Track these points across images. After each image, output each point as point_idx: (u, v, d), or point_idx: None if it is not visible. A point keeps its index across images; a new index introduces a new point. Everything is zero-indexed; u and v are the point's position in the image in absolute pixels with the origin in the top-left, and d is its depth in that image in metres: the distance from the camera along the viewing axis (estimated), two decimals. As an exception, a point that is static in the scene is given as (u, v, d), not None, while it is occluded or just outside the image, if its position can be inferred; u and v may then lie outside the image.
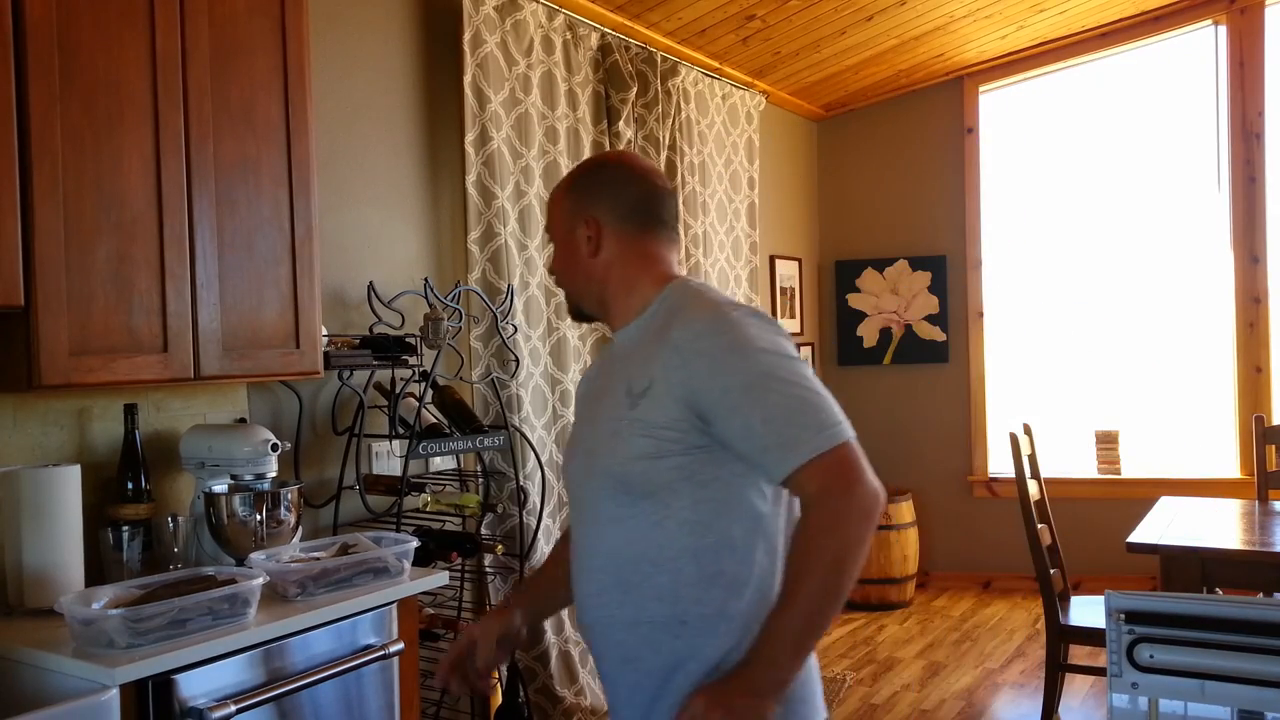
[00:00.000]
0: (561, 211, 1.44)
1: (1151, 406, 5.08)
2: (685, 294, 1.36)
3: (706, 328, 1.27)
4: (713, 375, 1.24)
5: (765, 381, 1.22)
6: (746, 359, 1.24)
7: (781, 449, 1.21)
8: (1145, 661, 1.65)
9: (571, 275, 1.44)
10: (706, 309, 1.29)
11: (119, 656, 1.57)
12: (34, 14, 1.69)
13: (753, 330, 1.26)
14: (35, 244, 1.69)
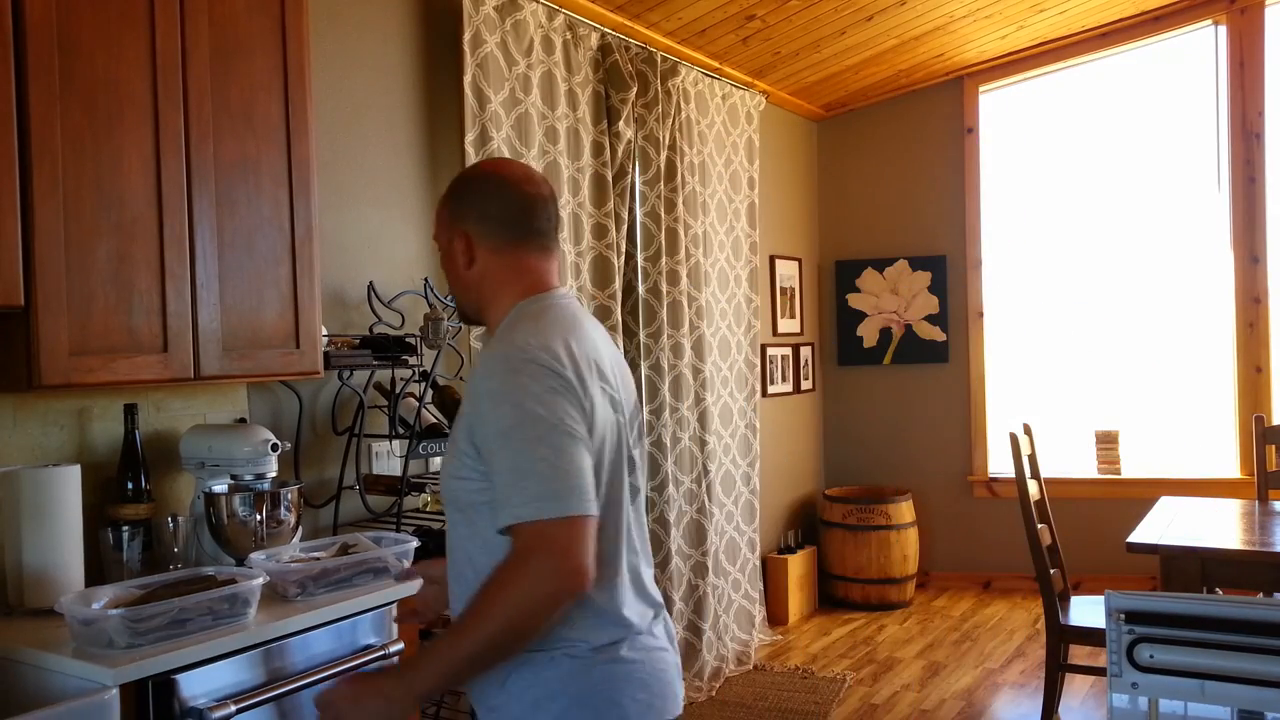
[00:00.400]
0: (441, 223, 1.48)
1: (1151, 406, 5.08)
2: (515, 323, 1.38)
3: (490, 368, 1.31)
4: (484, 416, 1.29)
5: (510, 436, 1.26)
6: (505, 408, 1.26)
7: (501, 503, 1.26)
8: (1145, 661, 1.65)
9: (452, 284, 1.49)
10: (504, 348, 1.32)
11: (119, 656, 1.57)
12: (34, 14, 1.69)
13: (524, 380, 1.27)
14: (35, 244, 1.69)
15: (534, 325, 1.35)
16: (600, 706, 1.30)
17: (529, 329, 1.34)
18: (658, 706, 1.34)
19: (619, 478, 1.38)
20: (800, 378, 5.32)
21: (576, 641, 1.31)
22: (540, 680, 1.30)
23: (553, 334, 1.33)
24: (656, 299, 3.91)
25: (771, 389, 5.01)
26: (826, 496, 5.14)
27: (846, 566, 4.97)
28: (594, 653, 1.32)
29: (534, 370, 1.28)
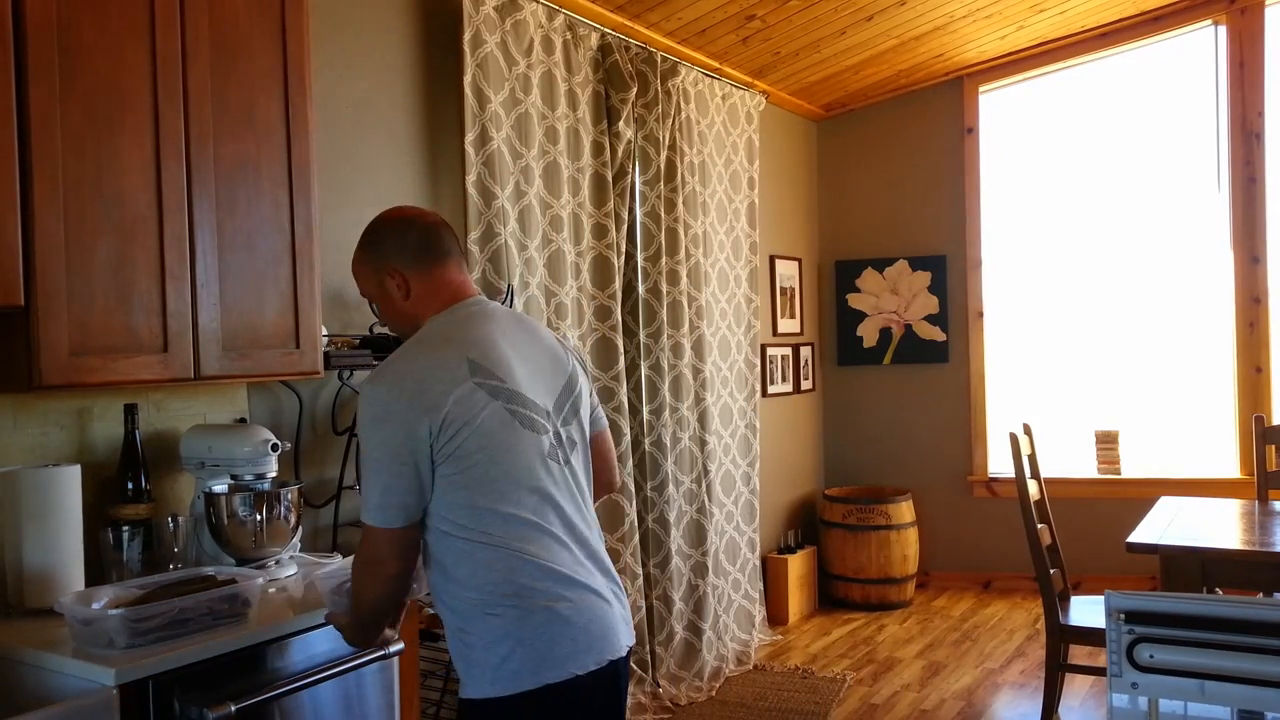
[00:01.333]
0: (366, 276, 1.70)
1: (1151, 406, 5.08)
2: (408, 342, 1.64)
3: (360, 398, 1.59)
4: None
5: (361, 449, 1.57)
6: (359, 425, 1.58)
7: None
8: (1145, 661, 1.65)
9: (397, 321, 1.69)
10: (373, 372, 1.59)
11: (119, 656, 1.57)
12: (34, 15, 1.69)
13: (365, 405, 1.54)
14: (35, 244, 1.69)
15: (404, 351, 1.60)
16: (541, 646, 1.54)
17: (398, 356, 1.59)
18: (596, 647, 1.57)
19: (515, 452, 1.56)
20: (800, 378, 5.32)
21: (520, 593, 1.55)
22: (490, 628, 1.55)
23: (424, 356, 1.57)
24: (656, 299, 3.91)
25: (771, 389, 5.01)
26: (826, 496, 5.14)
27: (846, 566, 4.97)
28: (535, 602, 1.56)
29: (378, 394, 1.54)
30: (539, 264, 3.30)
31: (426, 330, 1.62)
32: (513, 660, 1.53)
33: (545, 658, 1.53)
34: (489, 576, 1.54)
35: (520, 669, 1.52)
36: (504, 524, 1.54)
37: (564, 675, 1.54)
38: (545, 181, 3.34)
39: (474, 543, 1.54)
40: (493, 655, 1.54)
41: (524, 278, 3.24)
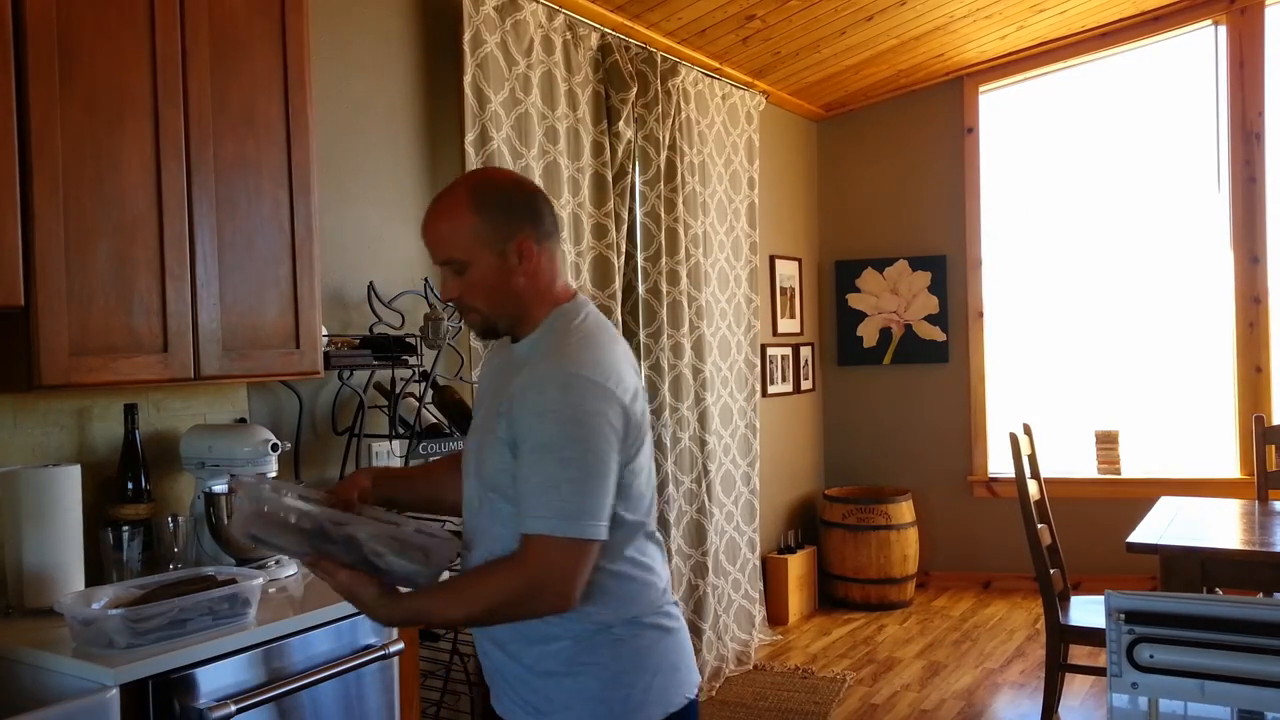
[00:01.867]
0: (472, 236, 1.43)
1: (1151, 406, 5.08)
2: (560, 333, 1.45)
3: (539, 381, 1.38)
4: (528, 425, 1.37)
5: (545, 453, 1.35)
6: (548, 423, 1.35)
7: (525, 512, 1.36)
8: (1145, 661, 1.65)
9: (497, 298, 1.45)
10: (554, 363, 1.39)
11: (119, 656, 1.57)
12: (34, 15, 1.69)
13: (582, 392, 1.36)
14: (35, 244, 1.69)
15: (586, 341, 1.43)
16: (669, 671, 1.45)
17: (583, 345, 1.42)
18: (694, 667, 1.53)
19: (650, 466, 1.49)
20: (800, 378, 5.32)
21: (659, 614, 1.46)
22: (621, 656, 1.41)
23: (608, 352, 1.43)
24: (656, 299, 3.91)
25: (771, 389, 5.01)
26: (826, 496, 5.14)
27: (846, 566, 4.97)
28: (669, 624, 1.48)
29: (591, 390, 1.36)
30: (539, 264, 3.30)
31: (586, 321, 1.46)
32: (650, 690, 1.41)
33: (670, 683, 1.43)
34: (636, 596, 1.43)
35: (653, 700, 1.41)
36: (645, 541, 1.46)
37: (685, 699, 1.46)
38: (545, 182, 3.34)
39: (621, 560, 1.42)
40: (621, 689, 1.40)
41: (524, 278, 3.23)
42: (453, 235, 1.43)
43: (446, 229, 1.43)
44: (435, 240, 1.45)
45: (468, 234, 1.42)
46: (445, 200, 1.45)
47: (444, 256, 1.44)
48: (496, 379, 1.51)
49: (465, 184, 1.46)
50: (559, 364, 1.38)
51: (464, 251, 1.43)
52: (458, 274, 1.44)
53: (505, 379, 1.45)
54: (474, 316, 1.47)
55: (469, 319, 1.49)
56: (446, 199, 1.45)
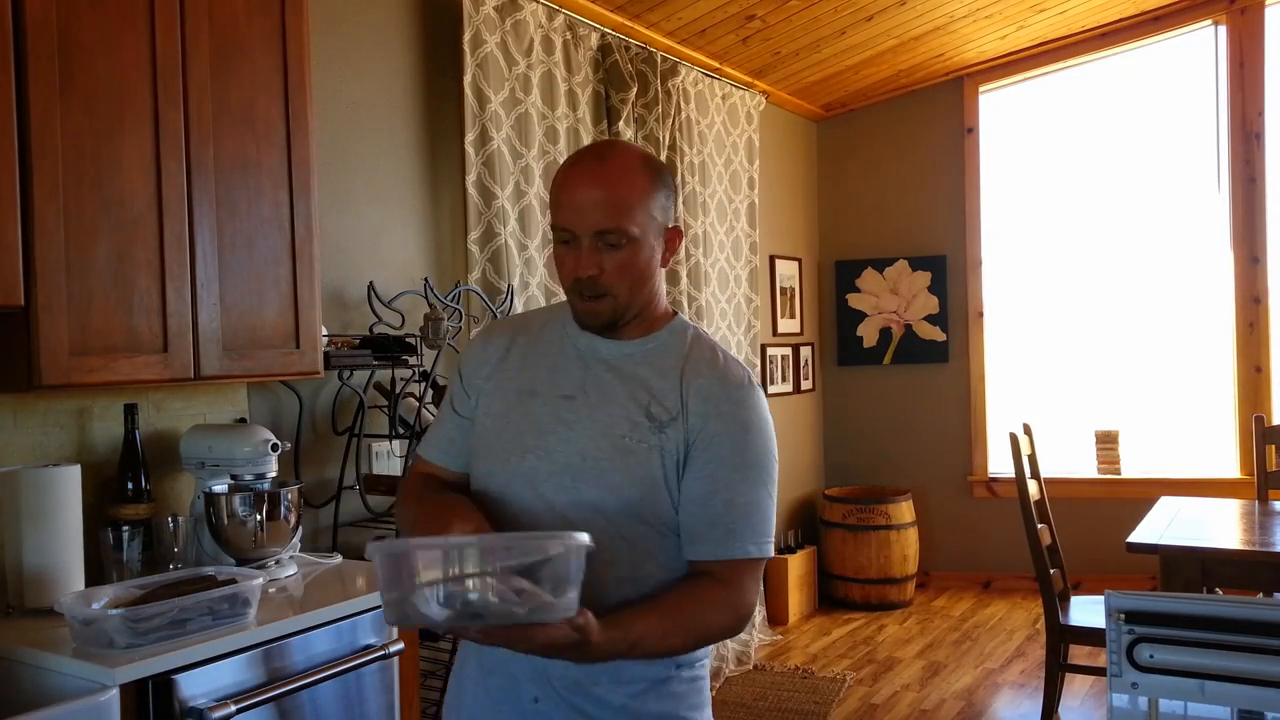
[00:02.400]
0: (646, 211, 1.25)
1: (1151, 406, 5.08)
2: (703, 339, 1.36)
3: (743, 396, 1.30)
4: (733, 441, 1.27)
5: (752, 471, 1.28)
6: (755, 439, 1.29)
7: (726, 536, 1.26)
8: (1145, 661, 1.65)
9: (641, 286, 1.28)
10: (742, 372, 1.33)
11: (119, 656, 1.57)
12: (34, 14, 1.69)
13: (766, 417, 1.32)
14: (35, 244, 1.69)
15: (730, 354, 1.37)
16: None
17: (735, 358, 1.36)
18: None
19: None
20: (800, 378, 5.32)
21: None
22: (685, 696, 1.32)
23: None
24: (656, 299, 3.91)
25: (771, 389, 5.01)
26: (826, 496, 5.14)
27: (846, 566, 4.97)
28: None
29: (765, 406, 1.33)
30: (539, 264, 3.30)
31: (703, 330, 1.39)
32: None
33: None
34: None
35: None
36: None
37: None
38: (545, 182, 3.33)
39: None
40: (706, 685, 1.36)
41: (524, 278, 3.24)
42: (628, 204, 1.23)
43: (624, 195, 1.23)
44: (604, 205, 1.22)
45: (643, 208, 1.25)
46: (618, 162, 1.25)
47: (609, 225, 1.22)
48: (580, 384, 1.31)
49: (634, 151, 1.28)
50: (747, 376, 1.32)
51: (636, 225, 1.24)
52: (611, 248, 1.24)
53: (610, 385, 1.29)
54: (605, 304, 1.27)
55: (596, 306, 1.27)
56: (619, 161, 1.25)
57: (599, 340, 1.33)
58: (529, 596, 1.04)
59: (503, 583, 1.05)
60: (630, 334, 1.33)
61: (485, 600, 1.04)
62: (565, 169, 1.28)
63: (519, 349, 1.38)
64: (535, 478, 1.28)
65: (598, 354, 1.33)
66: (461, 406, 1.40)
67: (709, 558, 1.27)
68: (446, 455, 1.41)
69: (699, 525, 1.27)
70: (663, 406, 1.28)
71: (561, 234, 1.26)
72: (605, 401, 1.29)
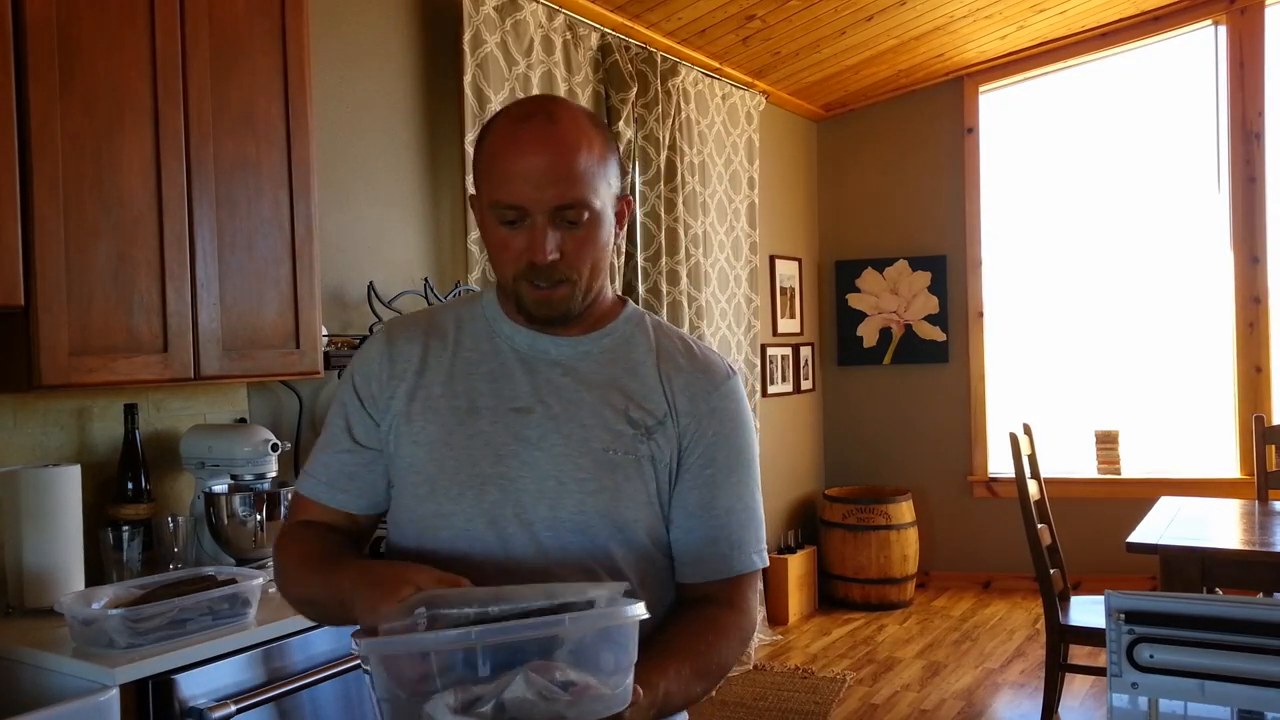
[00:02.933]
0: (605, 180, 1.08)
1: (1151, 406, 5.08)
2: (665, 328, 1.19)
3: (729, 389, 1.14)
4: (726, 443, 1.13)
5: (747, 472, 1.15)
6: (745, 437, 1.15)
7: (731, 551, 1.12)
8: (1145, 661, 1.65)
9: (599, 266, 1.10)
10: (721, 362, 1.17)
11: (119, 656, 1.57)
12: (34, 15, 1.69)
13: (746, 405, 1.17)
14: (35, 244, 1.69)
15: (696, 339, 1.20)
16: None
17: (699, 341, 1.20)
18: None
19: None
20: (800, 378, 5.32)
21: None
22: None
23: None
24: (656, 299, 3.91)
25: (771, 389, 5.01)
26: (826, 496, 5.14)
27: (846, 566, 4.97)
28: None
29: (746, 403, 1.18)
30: (539, 264, 3.30)
31: (658, 316, 1.25)
32: None
33: None
34: None
35: None
36: None
37: None
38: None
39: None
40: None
41: (524, 278, 3.23)
42: (589, 173, 1.05)
43: (583, 162, 1.04)
44: (563, 175, 1.03)
45: (602, 176, 1.07)
46: (571, 123, 1.06)
47: (570, 198, 1.04)
48: (537, 392, 1.11)
49: (580, 108, 1.10)
50: (727, 365, 1.17)
51: (598, 197, 1.06)
52: (570, 225, 1.05)
53: (571, 391, 1.10)
54: (563, 291, 1.07)
55: (553, 294, 1.07)
56: (571, 121, 1.06)
57: (543, 338, 1.13)
58: (580, 690, 0.82)
59: (543, 673, 0.81)
60: (580, 328, 1.14)
61: (523, 700, 0.80)
62: (507, 131, 1.05)
63: (436, 357, 1.15)
64: (501, 514, 1.07)
65: (545, 355, 1.13)
66: (363, 434, 1.15)
67: (712, 578, 1.11)
68: (345, 494, 1.14)
69: (697, 543, 1.11)
70: (645, 410, 1.10)
71: (505, 212, 1.05)
72: (572, 411, 1.09)
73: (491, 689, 0.81)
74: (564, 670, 0.82)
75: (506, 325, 1.15)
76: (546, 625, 0.84)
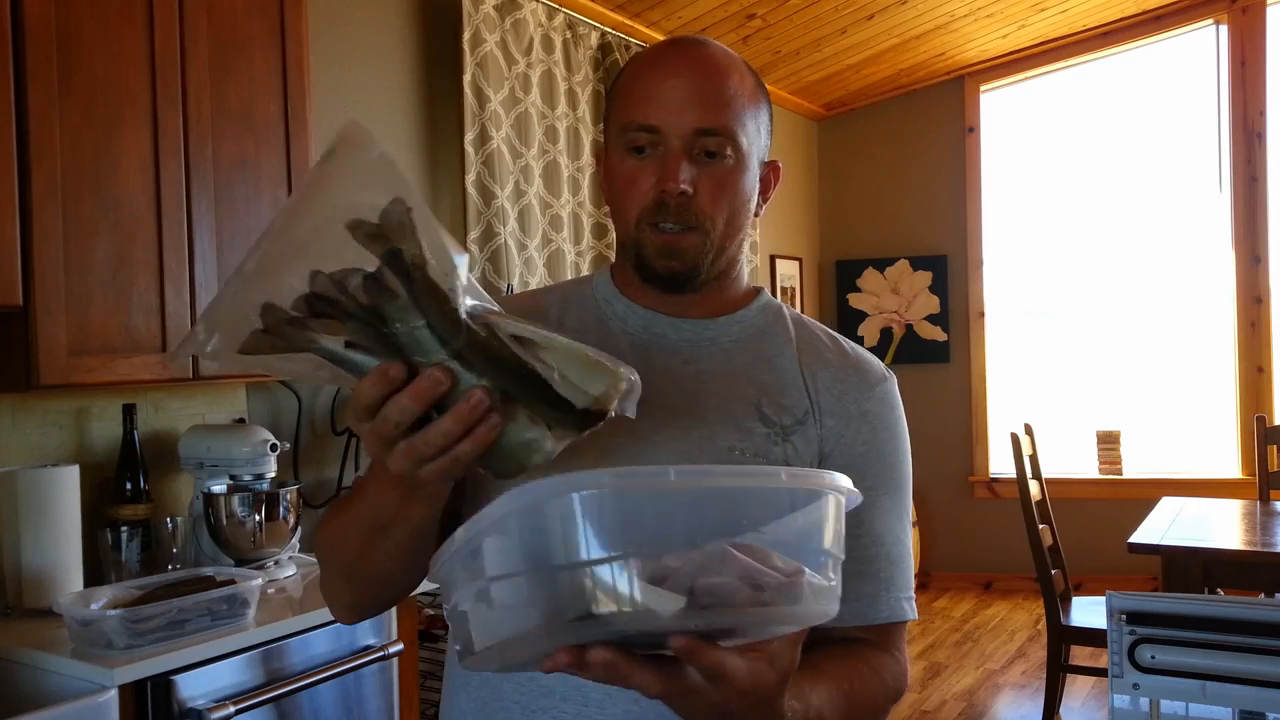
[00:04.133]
0: (756, 121, 0.94)
1: (1153, 406, 5.08)
2: (807, 321, 1.04)
3: (881, 389, 0.98)
4: (864, 452, 0.95)
5: (900, 495, 0.96)
6: (902, 455, 0.97)
7: (881, 590, 0.93)
8: (1146, 662, 1.64)
9: (736, 224, 0.93)
10: (878, 363, 1.01)
11: (118, 657, 1.57)
12: (33, 14, 1.69)
13: (903, 416, 1.00)
14: (34, 244, 1.68)
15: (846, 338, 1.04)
16: None
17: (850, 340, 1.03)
18: None
19: None
20: (801, 378, 5.31)
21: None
22: None
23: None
24: (657, 299, 3.90)
25: (772, 389, 5.00)
26: (827, 496, 5.13)
27: (847, 567, 4.96)
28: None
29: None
30: (539, 264, 3.30)
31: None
32: None
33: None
34: None
35: None
36: None
37: None
38: (545, 181, 3.33)
39: None
40: None
41: (524, 277, 3.23)
42: (738, 101, 0.91)
43: (733, 90, 0.91)
44: (708, 97, 0.90)
45: (752, 116, 0.93)
46: (722, 53, 0.93)
47: (714, 123, 0.89)
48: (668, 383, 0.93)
49: (740, 59, 0.96)
50: (884, 368, 1.00)
51: (744, 134, 0.91)
52: (710, 158, 0.90)
53: (704, 382, 0.94)
54: (693, 240, 0.91)
55: (680, 240, 0.90)
56: (722, 52, 0.93)
57: (661, 319, 0.96)
58: (794, 576, 0.60)
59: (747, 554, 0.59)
60: (705, 309, 0.97)
61: (722, 585, 0.58)
62: (649, 57, 0.94)
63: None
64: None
65: (663, 340, 0.96)
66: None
67: (852, 622, 0.90)
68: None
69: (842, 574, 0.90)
70: (781, 405, 0.94)
71: (635, 135, 0.90)
72: (693, 404, 0.93)
73: (681, 564, 0.58)
74: (767, 554, 0.60)
75: (620, 304, 0.98)
76: (759, 475, 0.64)
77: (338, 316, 0.65)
